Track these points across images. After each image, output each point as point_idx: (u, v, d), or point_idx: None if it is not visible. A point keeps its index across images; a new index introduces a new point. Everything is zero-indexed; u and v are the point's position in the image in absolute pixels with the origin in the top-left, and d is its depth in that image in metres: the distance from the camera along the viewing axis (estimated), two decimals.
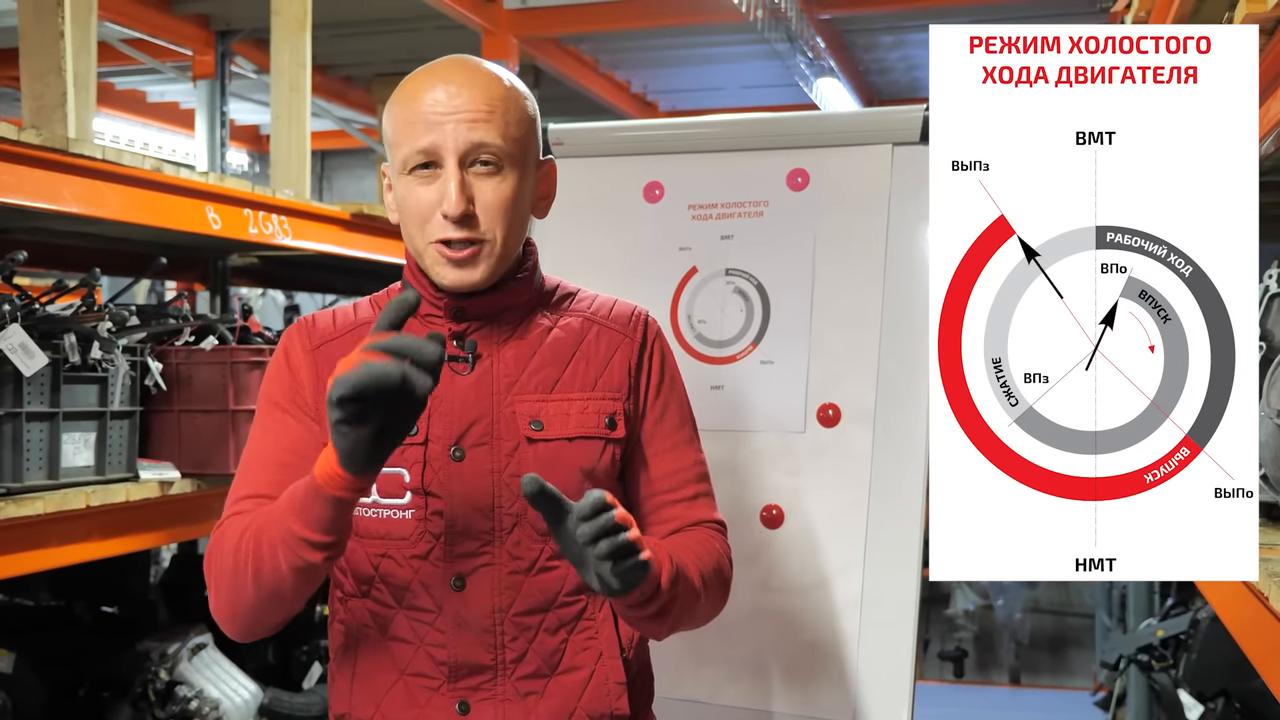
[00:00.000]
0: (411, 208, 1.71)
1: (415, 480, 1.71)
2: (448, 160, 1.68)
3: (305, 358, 1.78)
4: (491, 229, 1.70)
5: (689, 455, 1.84)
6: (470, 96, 1.70)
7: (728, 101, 7.68)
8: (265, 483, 1.71)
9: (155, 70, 6.57)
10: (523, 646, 1.73)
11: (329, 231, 4.00)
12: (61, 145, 2.78)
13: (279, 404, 1.77)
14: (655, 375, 1.83)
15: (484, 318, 1.76)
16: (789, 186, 2.50)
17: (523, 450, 1.72)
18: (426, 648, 1.73)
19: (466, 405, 1.72)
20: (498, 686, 1.73)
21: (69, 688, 3.57)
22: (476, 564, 1.71)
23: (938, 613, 8.23)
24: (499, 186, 1.70)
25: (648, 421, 1.81)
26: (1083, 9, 5.46)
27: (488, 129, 1.69)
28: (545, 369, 1.76)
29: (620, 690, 1.76)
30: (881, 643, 2.34)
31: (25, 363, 2.61)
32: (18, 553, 2.68)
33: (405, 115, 1.71)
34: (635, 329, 1.83)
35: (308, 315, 1.85)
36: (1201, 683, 4.08)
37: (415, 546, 1.72)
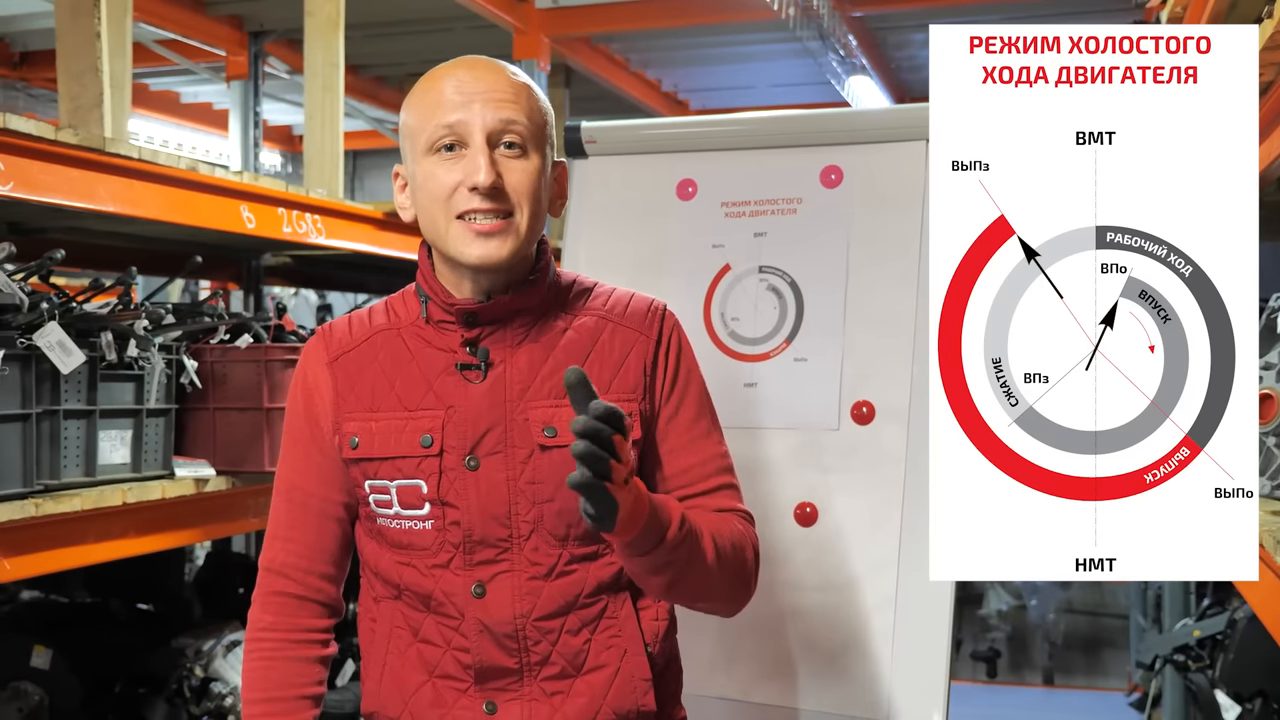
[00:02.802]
0: (434, 188, 1.70)
1: (432, 491, 1.72)
2: (475, 137, 1.67)
3: (323, 371, 1.80)
4: (518, 203, 1.69)
5: (708, 448, 1.81)
6: (496, 79, 1.71)
7: (759, 100, 7.65)
8: (285, 524, 1.83)
9: (189, 71, 6.61)
10: (546, 649, 1.73)
11: (362, 230, 4.02)
12: (98, 145, 2.80)
13: (295, 433, 1.83)
14: (671, 372, 1.80)
15: (496, 322, 1.75)
16: (822, 184, 2.50)
17: (536, 457, 1.71)
18: (453, 651, 1.74)
19: (480, 413, 1.72)
20: (524, 687, 1.73)
21: (105, 684, 3.60)
22: (496, 571, 1.72)
23: (970, 613, 8.19)
24: (525, 166, 1.70)
25: (664, 419, 1.79)
26: (1117, 7, 5.42)
27: (515, 108, 1.70)
28: (558, 373, 1.73)
29: (646, 686, 1.76)
30: (916, 642, 2.33)
31: (63, 360, 2.63)
32: (55, 549, 2.71)
33: (429, 99, 1.71)
34: (651, 325, 1.80)
35: (327, 324, 1.87)
36: (1239, 683, 4.04)
37: (435, 556, 1.73)
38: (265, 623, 1.82)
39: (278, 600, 1.82)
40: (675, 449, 1.79)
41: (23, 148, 2.63)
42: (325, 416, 1.79)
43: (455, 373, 1.74)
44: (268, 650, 1.81)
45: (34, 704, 3.35)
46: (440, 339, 1.76)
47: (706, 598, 1.76)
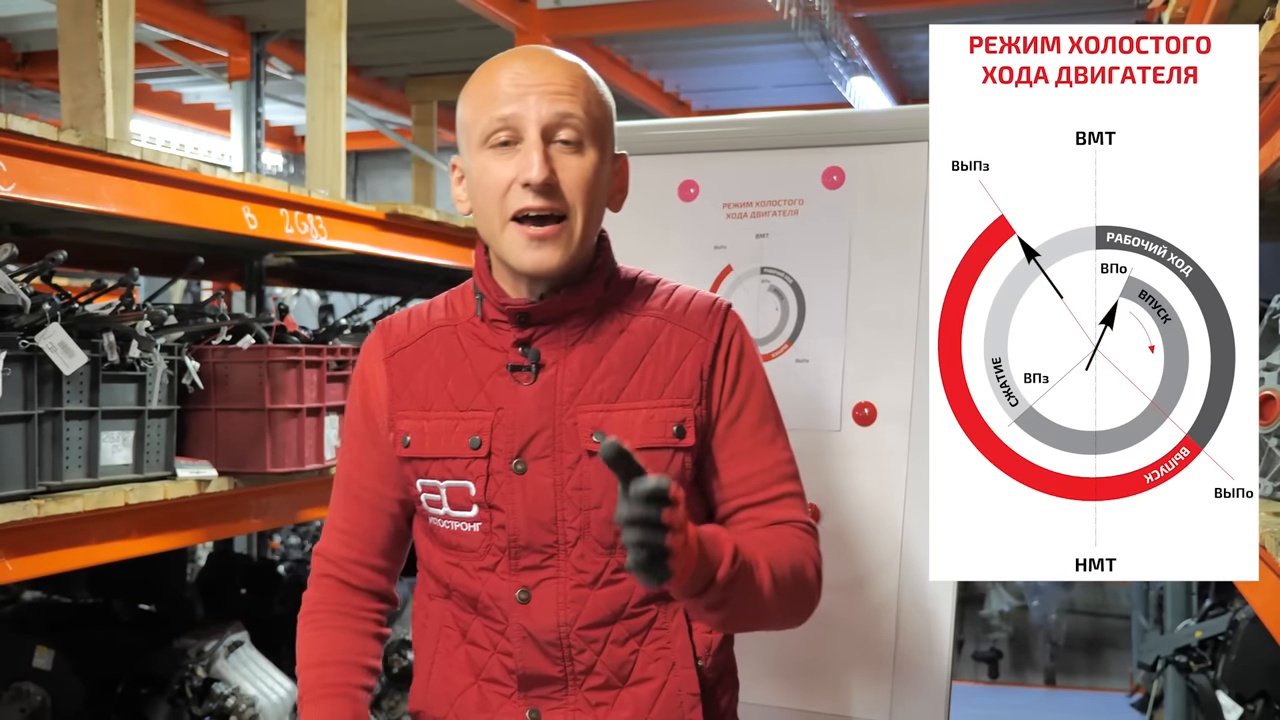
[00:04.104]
0: (489, 183, 1.65)
1: (479, 493, 1.69)
2: (530, 131, 1.63)
3: (380, 367, 1.79)
4: (573, 204, 1.64)
5: (770, 455, 1.75)
6: (553, 72, 1.66)
7: (761, 101, 7.65)
8: (341, 515, 1.84)
9: (191, 72, 6.61)
10: (590, 659, 1.70)
11: (363, 231, 4.02)
12: (100, 146, 2.80)
13: (354, 427, 1.83)
14: (731, 376, 1.74)
15: (550, 322, 1.70)
16: (824, 184, 2.50)
17: (584, 463, 1.67)
18: (499, 655, 1.73)
19: (529, 417, 1.68)
20: (568, 696, 1.71)
21: (107, 685, 3.60)
22: (541, 577, 1.69)
23: (973, 613, 8.19)
24: (581, 162, 1.65)
25: (723, 424, 1.73)
26: (1118, 7, 5.41)
27: (572, 102, 1.65)
28: (610, 376, 1.69)
29: (693, 701, 1.71)
30: (917, 642, 2.33)
31: (65, 361, 2.63)
32: (57, 550, 2.71)
33: (484, 91, 1.67)
34: (711, 327, 1.74)
35: (388, 318, 1.86)
36: (1240, 684, 4.04)
37: (482, 559, 1.71)
38: (315, 599, 1.83)
39: (328, 582, 1.83)
40: (735, 455, 1.73)
41: (25, 149, 2.63)
42: (381, 412, 1.78)
43: (506, 373, 1.71)
44: (319, 621, 1.82)
45: (36, 705, 3.36)
46: (494, 338, 1.73)
47: (764, 625, 1.72)
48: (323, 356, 3.41)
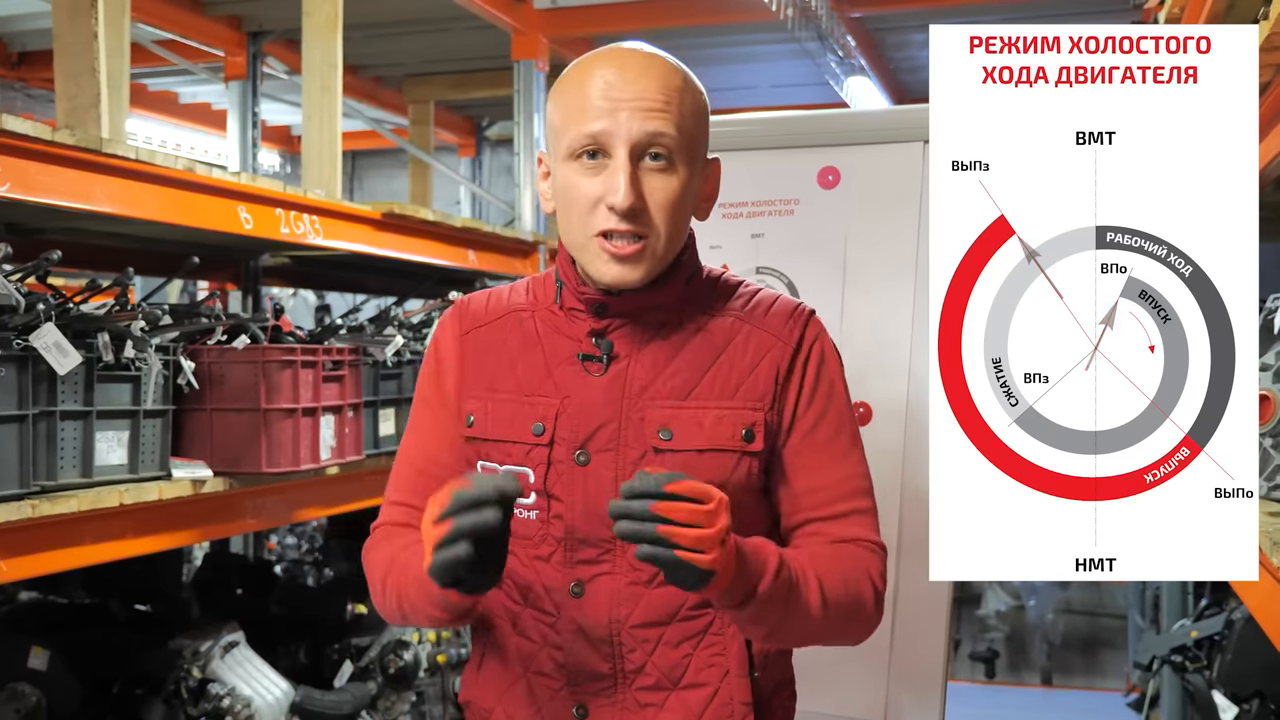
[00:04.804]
0: (575, 198, 1.62)
1: (539, 481, 1.67)
2: (618, 150, 1.59)
3: (454, 344, 1.77)
4: (657, 226, 1.61)
5: (843, 469, 1.71)
6: (647, 84, 1.60)
7: (758, 100, 7.65)
8: (407, 490, 1.78)
9: (187, 71, 6.60)
10: (641, 659, 1.67)
11: (360, 231, 4.02)
12: (95, 146, 2.80)
13: (426, 399, 1.79)
14: (809, 383, 1.70)
15: (628, 315, 1.68)
16: (820, 184, 2.50)
17: (649, 459, 1.64)
18: (548, 649, 1.70)
19: (595, 408, 1.66)
20: (617, 694, 1.68)
21: (103, 685, 3.60)
22: (596, 572, 1.66)
23: (969, 613, 8.19)
24: (669, 183, 1.61)
25: (796, 433, 1.69)
26: (1115, 7, 5.42)
27: (664, 119, 1.60)
28: (683, 373, 1.66)
29: (745, 711, 1.67)
30: (913, 642, 2.33)
31: (59, 361, 2.62)
32: (52, 550, 2.71)
33: (575, 99, 1.62)
34: (791, 332, 1.70)
35: (466, 297, 1.83)
36: (1236, 684, 4.04)
37: (538, 548, 1.68)
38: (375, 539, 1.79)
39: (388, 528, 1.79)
40: (807, 466, 1.70)
41: (20, 148, 2.63)
42: (453, 388, 1.76)
43: (576, 362, 1.68)
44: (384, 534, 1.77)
45: (31, 705, 3.35)
46: (569, 326, 1.70)
47: (813, 641, 1.68)
48: (318, 356, 3.40)
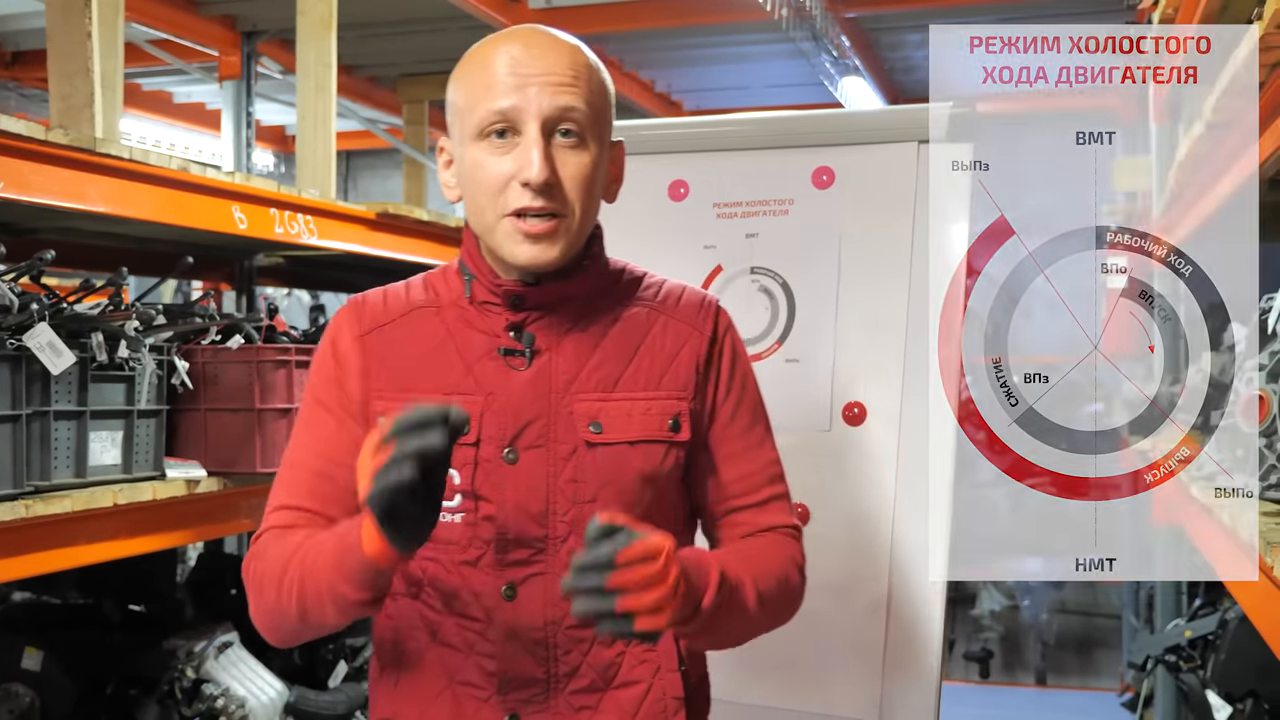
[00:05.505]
0: (484, 179, 1.59)
1: (465, 482, 1.62)
2: (529, 125, 1.56)
3: (354, 345, 1.69)
4: (572, 204, 1.59)
5: (761, 457, 1.73)
6: (555, 60, 1.60)
7: (752, 101, 7.66)
8: (304, 494, 1.66)
9: (182, 71, 6.60)
10: (576, 659, 1.64)
11: (354, 231, 4.01)
12: (89, 145, 2.80)
13: (322, 401, 1.70)
14: (725, 372, 1.71)
15: (544, 307, 1.65)
16: (814, 185, 2.50)
17: (580, 454, 1.62)
18: (476, 657, 1.65)
19: (522, 404, 1.62)
20: (550, 700, 1.65)
21: (96, 685, 3.59)
22: (529, 573, 1.62)
23: (963, 613, 8.20)
24: (581, 159, 1.60)
25: (717, 423, 1.70)
26: (1110, 8, 5.42)
27: (574, 94, 1.58)
28: (607, 365, 1.65)
29: (678, 705, 1.67)
30: (908, 642, 2.33)
31: (53, 361, 2.62)
32: (46, 551, 2.70)
33: (481, 78, 1.59)
34: (705, 321, 1.71)
35: (359, 295, 1.75)
36: (1230, 684, 4.04)
37: (464, 552, 1.63)
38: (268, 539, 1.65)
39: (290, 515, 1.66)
40: (731, 455, 1.71)
41: (13, 148, 2.62)
42: (355, 389, 1.68)
43: (497, 358, 1.64)
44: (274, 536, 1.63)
45: (25, 706, 3.34)
46: (483, 321, 1.66)
47: (748, 639, 1.69)
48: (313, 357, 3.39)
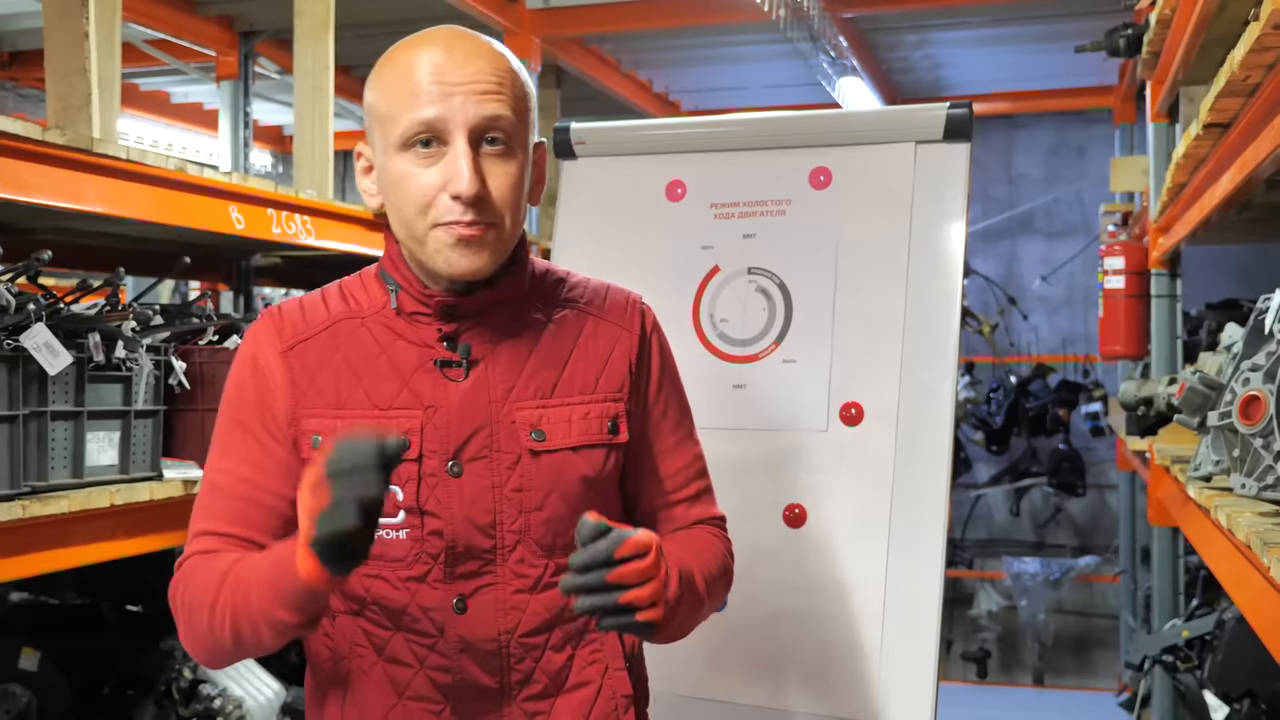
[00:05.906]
0: (411, 190, 1.55)
1: (409, 499, 1.59)
2: (456, 136, 1.53)
3: (276, 362, 1.64)
4: (501, 214, 1.56)
5: (690, 451, 1.77)
6: (479, 66, 1.55)
7: (750, 101, 7.66)
8: (227, 519, 1.62)
9: (179, 71, 6.60)
10: (529, 666, 1.64)
11: (352, 231, 4.01)
12: (86, 145, 2.79)
13: (242, 422, 1.65)
14: (655, 369, 1.73)
15: (476, 316, 1.63)
16: (811, 185, 2.50)
17: (525, 463, 1.61)
18: (427, 671, 1.63)
19: (463, 415, 1.60)
20: (504, 709, 1.64)
21: (94, 686, 3.59)
22: (479, 585, 1.61)
23: (961, 613, 8.20)
24: (508, 168, 1.56)
25: (651, 420, 1.72)
26: (1108, 8, 5.43)
27: (500, 102, 1.54)
28: (543, 371, 1.64)
29: (627, 703, 1.68)
30: (904, 642, 2.33)
31: (50, 362, 2.62)
32: (43, 551, 2.69)
33: (403, 85, 1.54)
34: (633, 320, 1.72)
35: (272, 308, 1.69)
36: (1227, 684, 4.04)
37: (411, 568, 1.61)
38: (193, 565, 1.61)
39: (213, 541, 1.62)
40: (663, 452, 1.74)
41: (10, 148, 2.62)
42: (280, 408, 1.62)
43: (432, 370, 1.61)
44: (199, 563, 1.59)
45: (22, 706, 3.34)
46: (412, 331, 1.63)
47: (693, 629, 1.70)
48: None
